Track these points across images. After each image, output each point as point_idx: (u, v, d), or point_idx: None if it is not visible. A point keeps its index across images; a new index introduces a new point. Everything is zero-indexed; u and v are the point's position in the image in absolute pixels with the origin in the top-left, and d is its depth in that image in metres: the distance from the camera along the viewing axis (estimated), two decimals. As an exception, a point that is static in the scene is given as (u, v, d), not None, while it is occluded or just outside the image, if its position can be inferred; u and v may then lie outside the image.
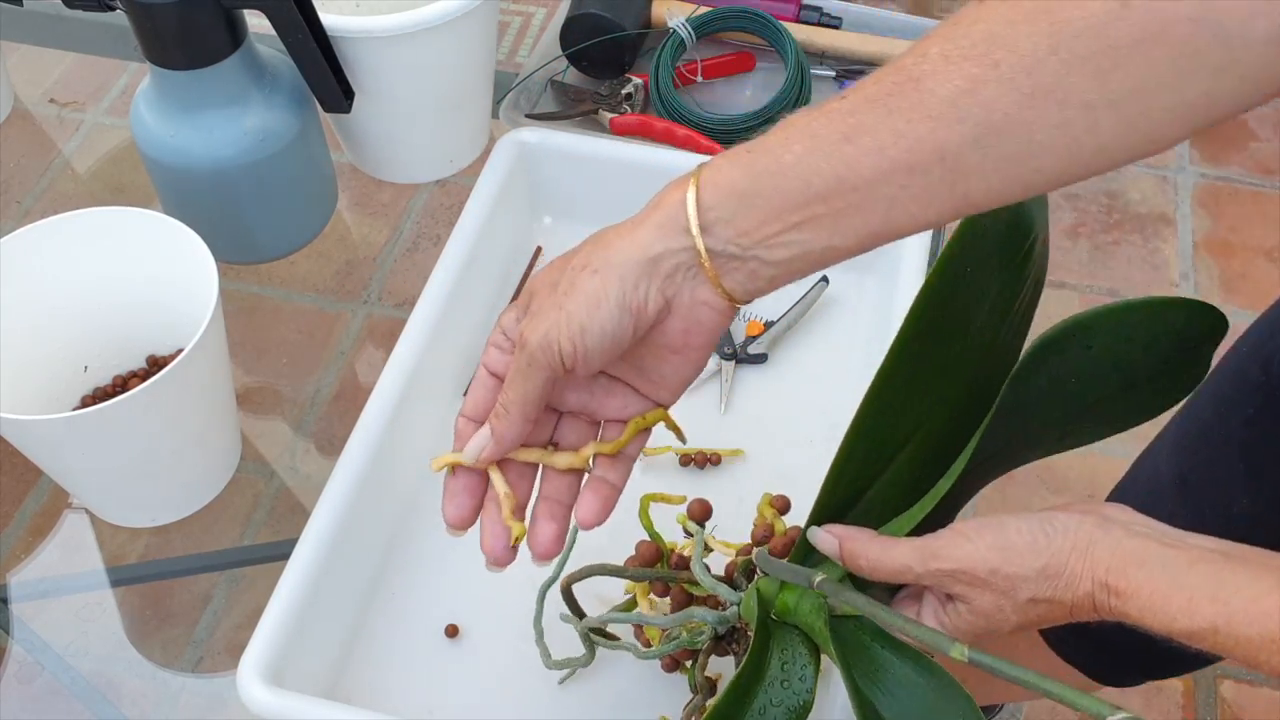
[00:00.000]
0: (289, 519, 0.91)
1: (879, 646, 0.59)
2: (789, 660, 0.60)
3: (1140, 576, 0.51)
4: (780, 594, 0.61)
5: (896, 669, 0.58)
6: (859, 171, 0.48)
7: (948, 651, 0.51)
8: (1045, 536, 0.53)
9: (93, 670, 0.85)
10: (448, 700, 0.78)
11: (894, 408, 0.60)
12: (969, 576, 0.54)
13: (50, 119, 1.25)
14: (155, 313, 0.91)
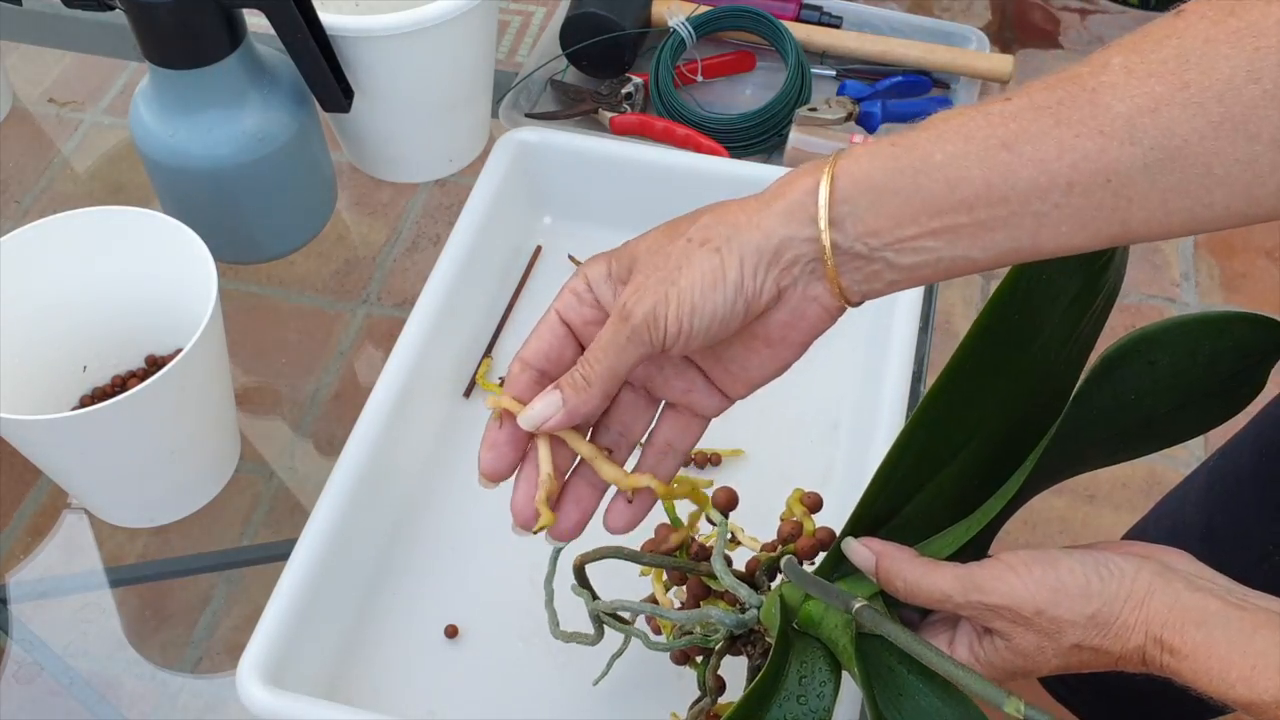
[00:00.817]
0: (288, 519, 0.91)
1: (905, 671, 0.56)
2: (808, 674, 0.57)
3: (1199, 637, 0.48)
4: (805, 603, 0.59)
5: (921, 697, 0.56)
6: (1014, 182, 0.45)
7: (1002, 706, 0.48)
8: (1100, 580, 0.50)
9: (92, 670, 0.85)
10: (448, 700, 0.78)
11: (949, 416, 0.57)
12: (1012, 614, 0.52)
13: (49, 118, 1.25)
14: (154, 313, 0.91)
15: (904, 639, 0.52)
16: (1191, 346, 0.61)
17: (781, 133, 1.12)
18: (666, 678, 0.78)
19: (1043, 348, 0.59)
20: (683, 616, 0.64)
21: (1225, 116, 0.42)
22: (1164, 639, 0.49)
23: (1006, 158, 0.44)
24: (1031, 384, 0.59)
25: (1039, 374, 0.59)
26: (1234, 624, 0.48)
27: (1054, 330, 0.59)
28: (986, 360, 0.57)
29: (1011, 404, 0.58)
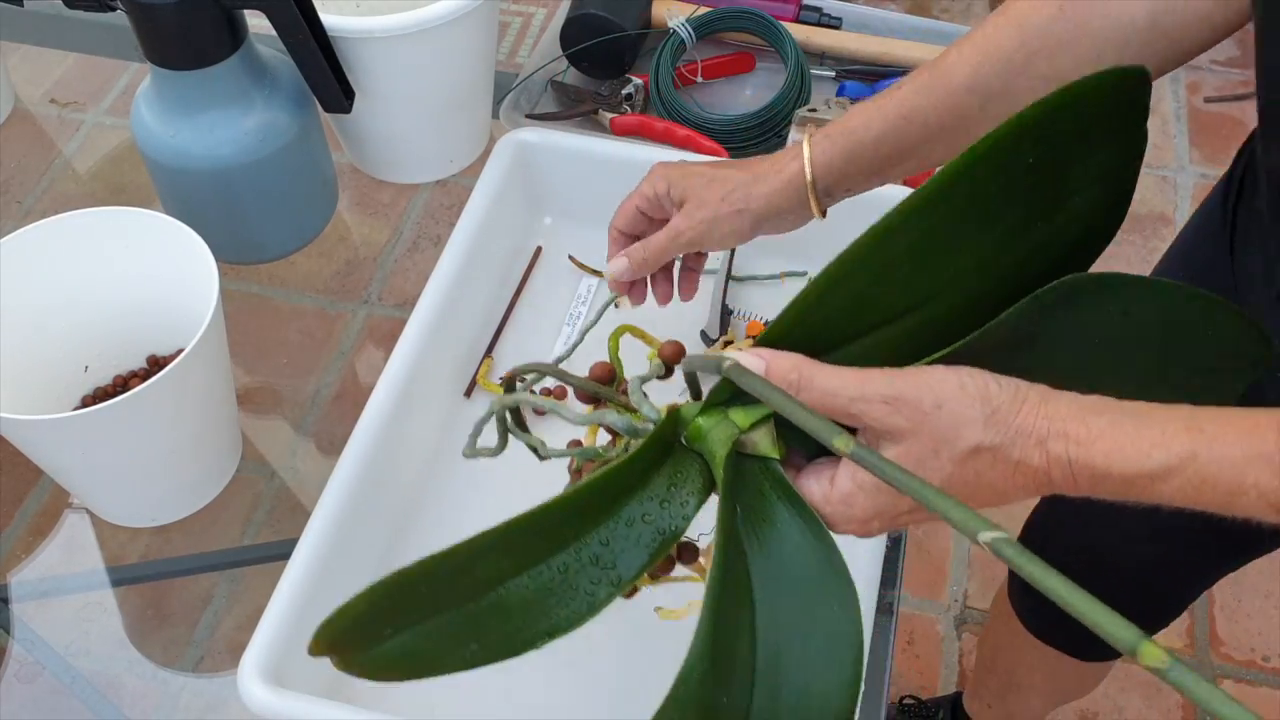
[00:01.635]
0: (289, 519, 0.91)
1: (775, 497, 0.55)
2: (678, 484, 0.56)
3: (1102, 422, 0.48)
4: (697, 417, 0.57)
5: (784, 526, 0.54)
6: (910, 139, 0.69)
7: (831, 440, 0.47)
8: (998, 385, 0.50)
9: (93, 670, 0.85)
10: (447, 699, 0.78)
11: (903, 266, 0.54)
12: (913, 409, 0.50)
13: (51, 119, 1.25)
14: (156, 313, 0.91)
15: (760, 388, 0.51)
16: (1166, 315, 0.59)
17: (781, 133, 1.12)
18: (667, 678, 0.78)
19: (1036, 227, 0.56)
20: (582, 417, 0.62)
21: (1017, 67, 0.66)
22: (1068, 431, 0.49)
23: (905, 125, 0.70)
24: (1012, 264, 0.56)
25: (1024, 256, 0.56)
26: (1135, 409, 0.49)
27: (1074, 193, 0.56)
28: (965, 211, 0.54)
29: (986, 278, 0.56)
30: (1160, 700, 1.49)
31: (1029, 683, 1.14)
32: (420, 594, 0.53)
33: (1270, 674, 1.52)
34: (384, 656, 0.53)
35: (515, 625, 0.53)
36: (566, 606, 0.54)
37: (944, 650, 1.55)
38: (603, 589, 0.54)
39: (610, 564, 0.54)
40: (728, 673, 0.52)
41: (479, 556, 0.52)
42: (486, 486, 0.88)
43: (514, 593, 0.53)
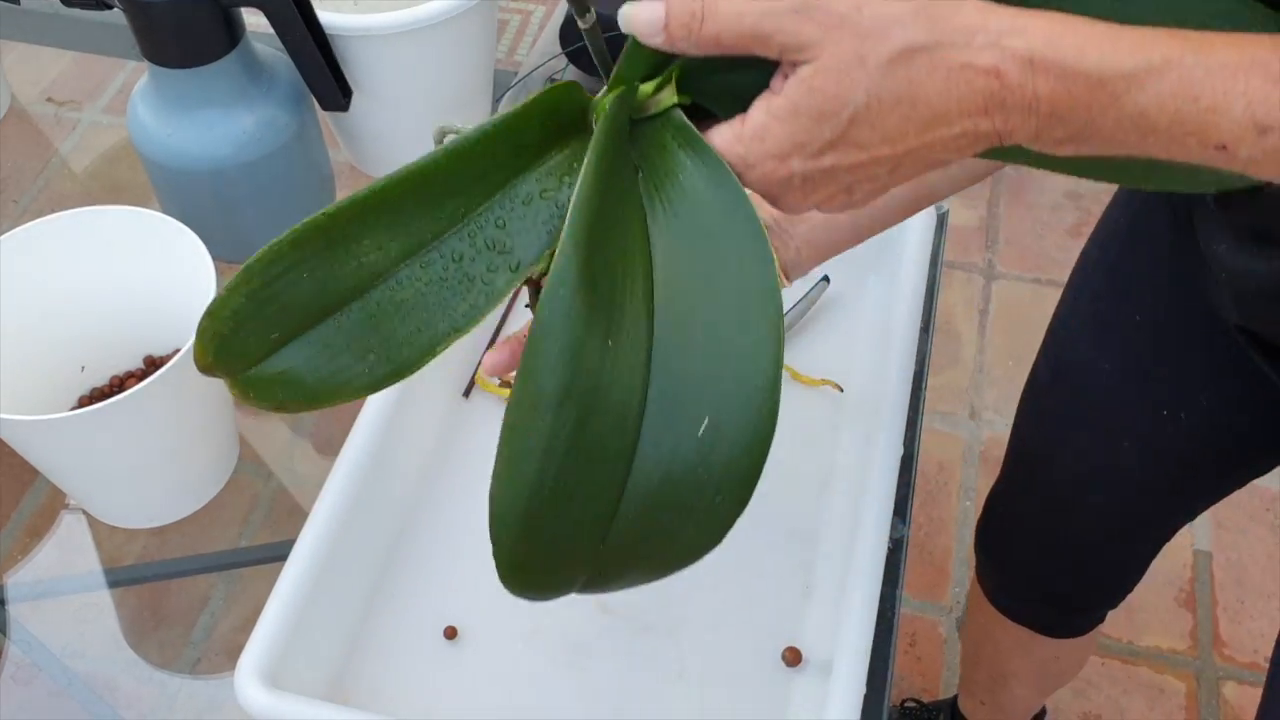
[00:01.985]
0: (287, 520, 0.91)
1: (677, 146, 0.49)
2: (581, 156, 0.48)
3: (1067, 22, 0.41)
4: (602, 98, 0.51)
5: (686, 176, 0.48)
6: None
7: None
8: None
9: (90, 671, 0.85)
10: (447, 701, 0.77)
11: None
12: (824, 13, 0.43)
13: (47, 118, 1.24)
14: (152, 312, 0.91)
15: None
16: None
17: (782, 132, 1.12)
18: (667, 679, 0.78)
19: None
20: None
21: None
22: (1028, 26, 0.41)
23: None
24: None
25: None
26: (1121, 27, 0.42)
27: None
28: None
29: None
30: (1163, 702, 1.49)
31: (1011, 670, 1.15)
32: (303, 282, 0.47)
33: (1273, 675, 1.52)
34: (276, 373, 0.49)
35: (413, 324, 0.48)
36: (464, 299, 0.49)
37: (946, 652, 1.55)
38: (501, 276, 0.49)
39: (507, 247, 0.49)
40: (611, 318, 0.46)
41: (357, 224, 0.47)
42: (486, 486, 0.87)
43: (406, 285, 0.48)
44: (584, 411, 0.46)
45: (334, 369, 0.49)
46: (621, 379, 0.47)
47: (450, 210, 0.48)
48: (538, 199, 0.49)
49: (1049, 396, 0.92)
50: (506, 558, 0.48)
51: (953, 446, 1.73)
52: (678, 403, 0.47)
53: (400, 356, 0.49)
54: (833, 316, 0.97)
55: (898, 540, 0.81)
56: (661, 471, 0.48)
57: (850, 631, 0.71)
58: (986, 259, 1.96)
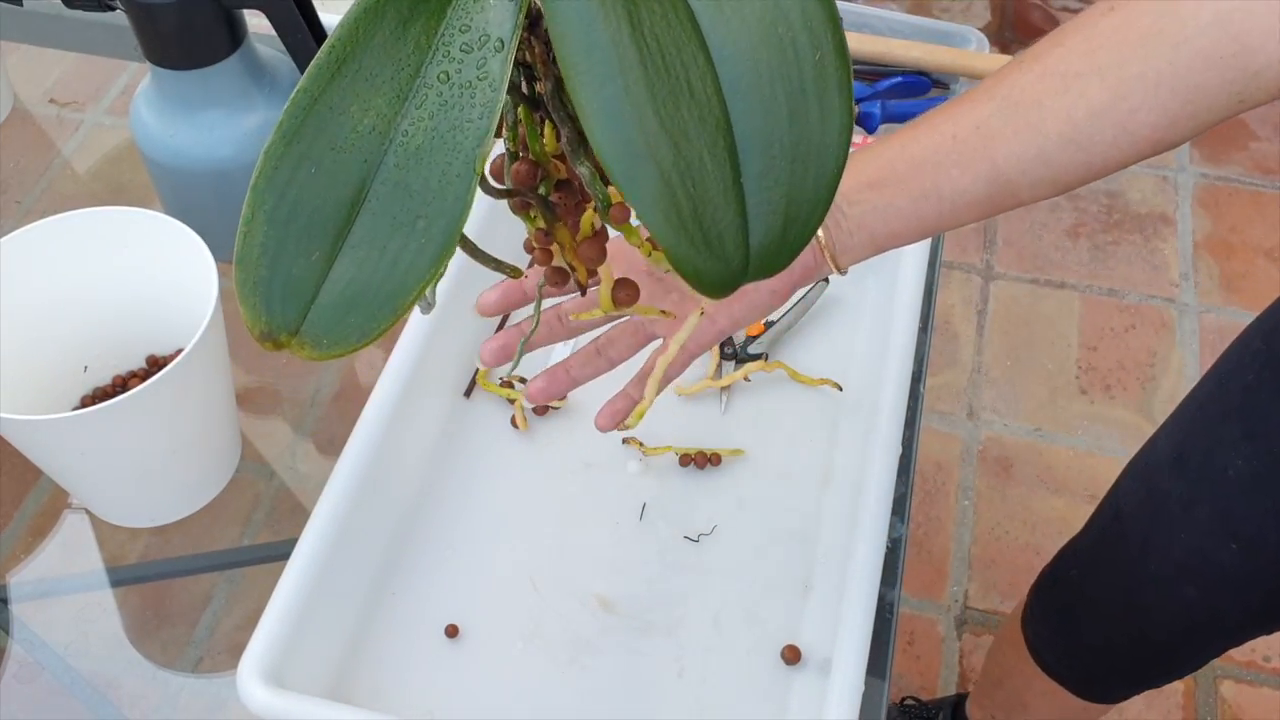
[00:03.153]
0: (289, 519, 0.91)
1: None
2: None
3: None
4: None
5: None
6: (918, 144, 0.59)
7: None
8: None
9: (92, 670, 0.85)
10: (448, 700, 0.78)
11: None
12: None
13: (50, 119, 1.25)
14: (155, 313, 0.91)
15: None
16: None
17: (781, 133, 1.12)
18: (667, 679, 0.78)
19: None
20: None
21: (1043, 69, 0.57)
22: None
23: (911, 133, 0.60)
24: None
25: None
26: None
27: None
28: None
29: None
30: (1161, 701, 1.49)
31: (1032, 706, 1.15)
32: (316, 183, 0.44)
33: (1271, 674, 1.52)
34: (338, 300, 0.44)
35: (441, 162, 0.44)
36: (473, 107, 0.44)
37: (944, 651, 1.55)
38: (494, 62, 0.44)
39: (483, 38, 0.45)
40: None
41: (336, 91, 0.44)
42: (486, 486, 0.88)
43: (415, 131, 0.45)
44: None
45: (393, 258, 0.44)
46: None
47: (414, 39, 0.46)
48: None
49: (1167, 479, 0.87)
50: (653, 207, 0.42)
51: (951, 446, 1.74)
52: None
53: (447, 199, 0.45)
54: (832, 316, 0.97)
55: (896, 539, 0.82)
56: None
57: (849, 630, 0.72)
58: (985, 259, 1.96)
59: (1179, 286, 1.91)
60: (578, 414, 0.91)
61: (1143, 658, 0.99)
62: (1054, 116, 0.56)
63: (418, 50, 0.45)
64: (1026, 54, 0.59)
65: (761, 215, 0.44)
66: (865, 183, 0.60)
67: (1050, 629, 1.06)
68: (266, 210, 0.43)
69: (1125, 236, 1.98)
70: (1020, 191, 0.58)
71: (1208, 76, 0.53)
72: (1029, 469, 1.69)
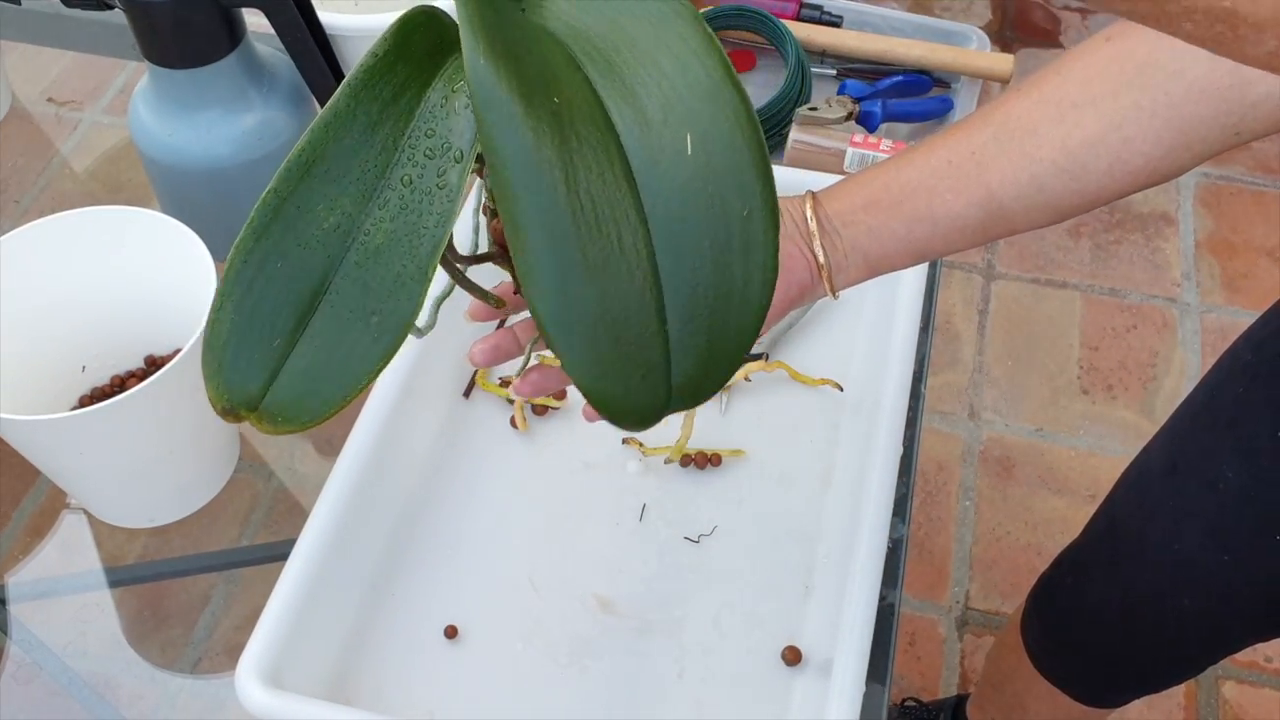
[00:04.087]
0: (287, 519, 0.91)
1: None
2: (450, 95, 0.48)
3: None
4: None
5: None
6: (914, 168, 0.59)
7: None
8: None
9: (91, 671, 0.85)
10: (447, 701, 0.77)
11: None
12: None
13: (48, 118, 1.25)
14: (153, 312, 0.91)
15: None
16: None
17: (782, 132, 1.12)
18: (667, 679, 0.78)
19: None
20: None
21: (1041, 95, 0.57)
22: None
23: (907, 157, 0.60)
24: None
25: None
26: None
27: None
28: None
29: None
30: (1162, 702, 1.49)
31: (1034, 710, 1.15)
32: (279, 274, 0.46)
33: (1272, 675, 1.52)
34: (295, 381, 0.47)
35: (398, 262, 0.47)
36: (430, 212, 0.47)
37: (945, 652, 1.55)
38: (452, 172, 0.47)
39: (445, 148, 0.48)
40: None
41: (304, 191, 0.46)
42: (486, 487, 0.87)
43: (375, 231, 0.47)
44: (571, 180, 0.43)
45: (347, 350, 0.47)
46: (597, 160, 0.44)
47: (380, 142, 0.48)
48: (451, 95, 0.48)
49: (1162, 488, 0.88)
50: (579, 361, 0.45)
51: (952, 446, 1.73)
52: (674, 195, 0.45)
53: (400, 299, 0.47)
54: (833, 316, 0.97)
55: (897, 540, 0.81)
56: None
57: (850, 631, 0.71)
58: (986, 259, 1.96)
59: (1181, 286, 1.90)
60: (578, 414, 0.91)
61: (1141, 665, 0.99)
62: (1049, 144, 0.56)
63: (384, 152, 0.48)
64: (1026, 81, 0.59)
65: (684, 357, 0.46)
66: (860, 205, 0.60)
67: (1048, 635, 1.06)
68: (234, 300, 0.46)
69: (1127, 236, 1.97)
70: (1014, 218, 0.58)
71: (1203, 108, 0.53)
72: (1030, 469, 1.68)
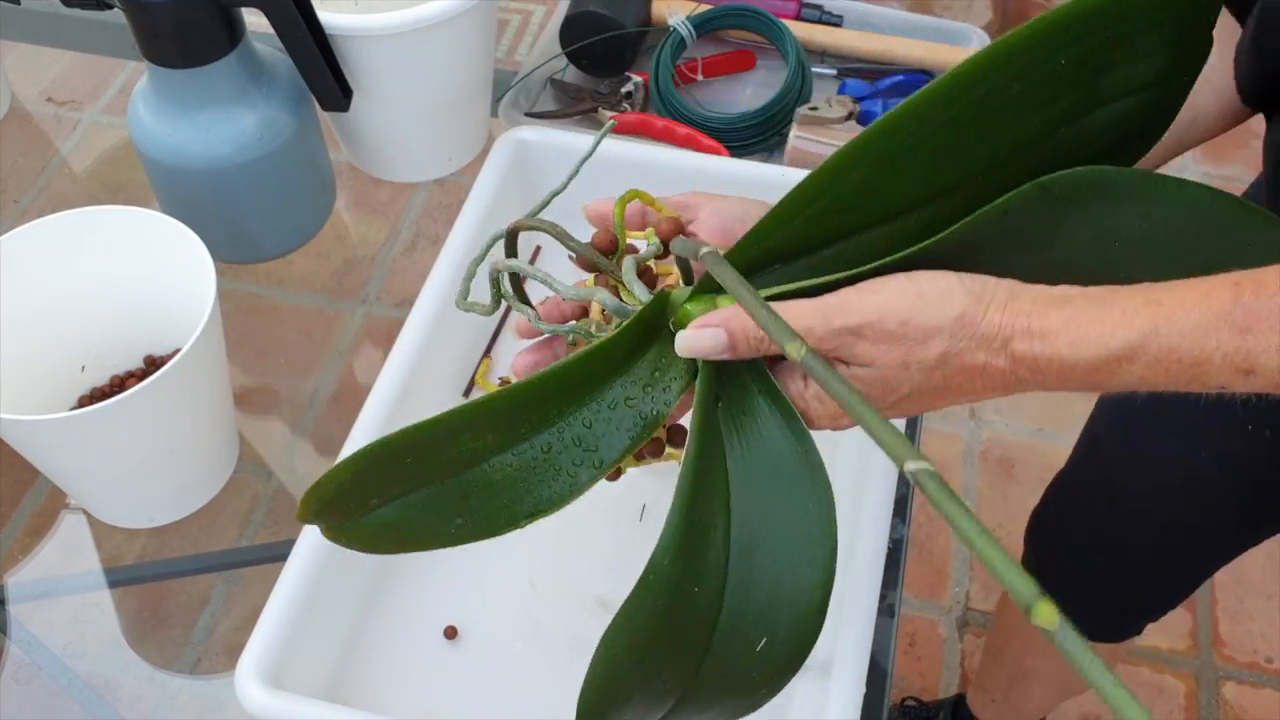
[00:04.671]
0: (287, 520, 0.91)
1: (756, 389, 0.54)
2: (663, 369, 0.55)
3: (1065, 312, 0.48)
4: (686, 304, 0.55)
5: (763, 419, 0.54)
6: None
7: (785, 346, 0.47)
8: (961, 283, 0.50)
9: (90, 671, 0.85)
10: (447, 701, 0.77)
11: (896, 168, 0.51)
12: (877, 331, 0.50)
13: (47, 118, 1.24)
14: (153, 312, 0.91)
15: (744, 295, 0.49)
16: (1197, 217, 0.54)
17: (782, 132, 1.12)
18: (667, 679, 0.78)
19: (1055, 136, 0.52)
20: (572, 291, 0.61)
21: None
22: (1030, 327, 0.49)
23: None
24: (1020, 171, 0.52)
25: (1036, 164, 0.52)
26: (1096, 295, 0.49)
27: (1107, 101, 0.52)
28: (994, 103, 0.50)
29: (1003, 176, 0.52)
30: (1163, 703, 1.49)
31: (1033, 667, 1.15)
32: (405, 465, 0.52)
33: (1273, 676, 1.52)
34: (370, 526, 0.54)
35: (500, 502, 0.53)
36: (549, 486, 0.53)
37: (946, 652, 1.55)
38: (585, 471, 0.54)
39: (593, 446, 0.54)
40: (700, 563, 0.51)
41: (463, 429, 0.52)
42: (485, 487, 0.87)
43: (498, 469, 0.53)
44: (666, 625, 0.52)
45: (422, 526, 0.54)
46: (701, 601, 0.53)
47: (544, 413, 0.53)
48: (623, 405, 0.55)
49: (1141, 398, 0.89)
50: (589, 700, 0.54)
51: (953, 446, 1.73)
52: (742, 625, 0.54)
53: (485, 525, 0.54)
54: (833, 316, 0.97)
55: (897, 540, 0.81)
56: (723, 674, 0.54)
57: (850, 631, 0.71)
58: (986, 259, 1.96)
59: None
60: (577, 414, 0.91)
61: (1137, 582, 1.00)
62: None
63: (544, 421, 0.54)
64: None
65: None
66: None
67: (1044, 564, 1.06)
68: (357, 469, 0.52)
69: (1126, 236, 1.97)
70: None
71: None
72: (1031, 469, 1.68)
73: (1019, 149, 0.52)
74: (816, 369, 0.46)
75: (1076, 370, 0.48)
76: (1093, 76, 0.52)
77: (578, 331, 0.61)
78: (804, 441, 0.53)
